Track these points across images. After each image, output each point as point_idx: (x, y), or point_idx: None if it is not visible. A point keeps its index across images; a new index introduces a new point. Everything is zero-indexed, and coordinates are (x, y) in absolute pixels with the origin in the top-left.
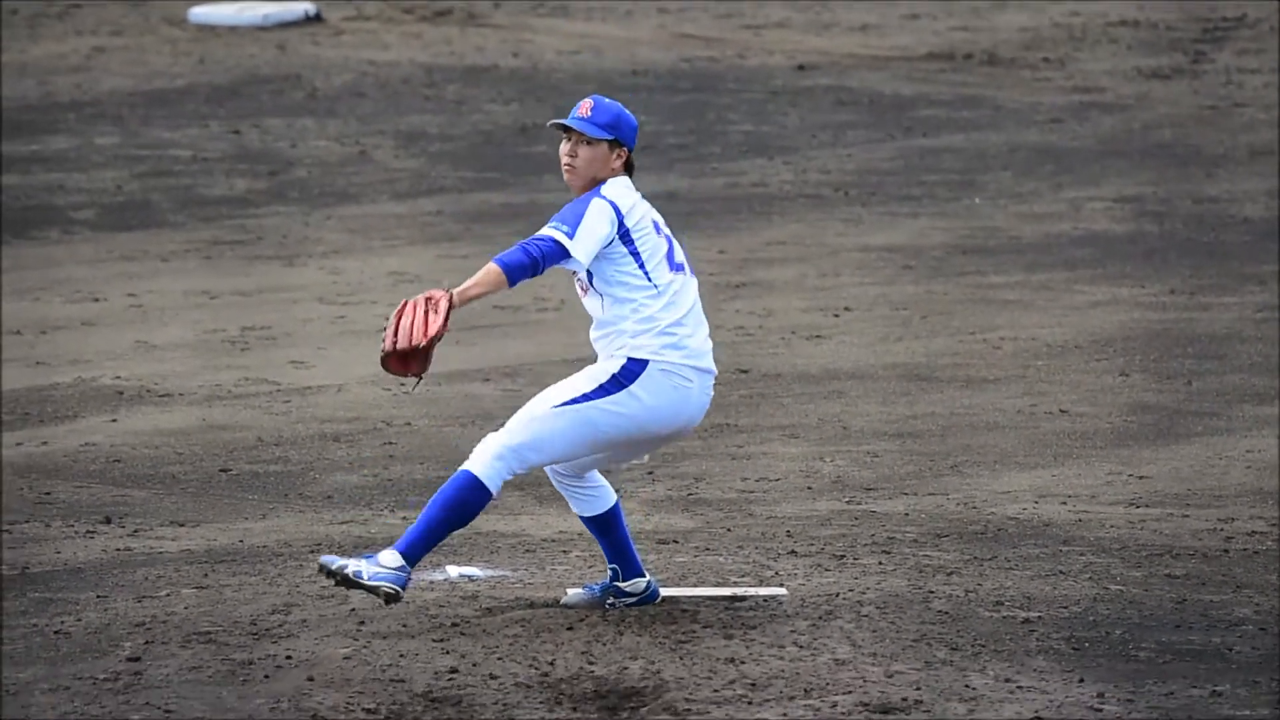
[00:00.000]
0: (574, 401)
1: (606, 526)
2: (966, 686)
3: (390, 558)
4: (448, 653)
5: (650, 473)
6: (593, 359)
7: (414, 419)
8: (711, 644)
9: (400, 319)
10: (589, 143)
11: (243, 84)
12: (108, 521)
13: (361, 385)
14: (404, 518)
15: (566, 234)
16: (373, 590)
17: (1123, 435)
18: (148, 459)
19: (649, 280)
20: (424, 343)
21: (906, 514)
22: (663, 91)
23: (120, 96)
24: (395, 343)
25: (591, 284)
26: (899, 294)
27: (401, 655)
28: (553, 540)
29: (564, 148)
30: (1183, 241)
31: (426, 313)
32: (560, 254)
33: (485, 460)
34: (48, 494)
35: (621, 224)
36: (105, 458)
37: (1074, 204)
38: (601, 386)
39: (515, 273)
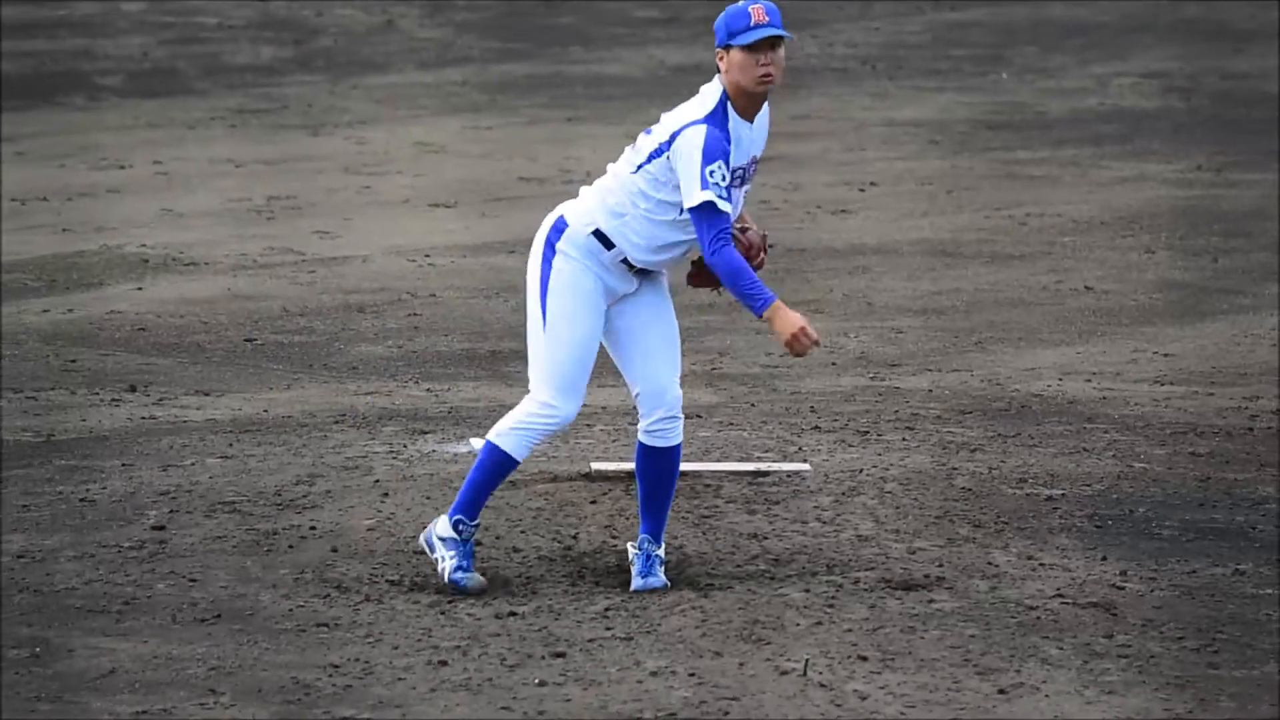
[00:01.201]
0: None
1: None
2: (989, 564)
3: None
4: None
5: None
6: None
7: (439, 290)
8: (734, 519)
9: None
10: (778, 46)
11: None
12: (133, 390)
13: (386, 256)
14: (428, 389)
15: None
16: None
17: (1148, 313)
18: (173, 328)
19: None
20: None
21: (930, 390)
22: None
23: None
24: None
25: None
26: (925, 169)
27: (424, 527)
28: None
29: (754, 59)
30: (1209, 118)
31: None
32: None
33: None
34: (73, 361)
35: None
36: (130, 325)
37: (1100, 79)
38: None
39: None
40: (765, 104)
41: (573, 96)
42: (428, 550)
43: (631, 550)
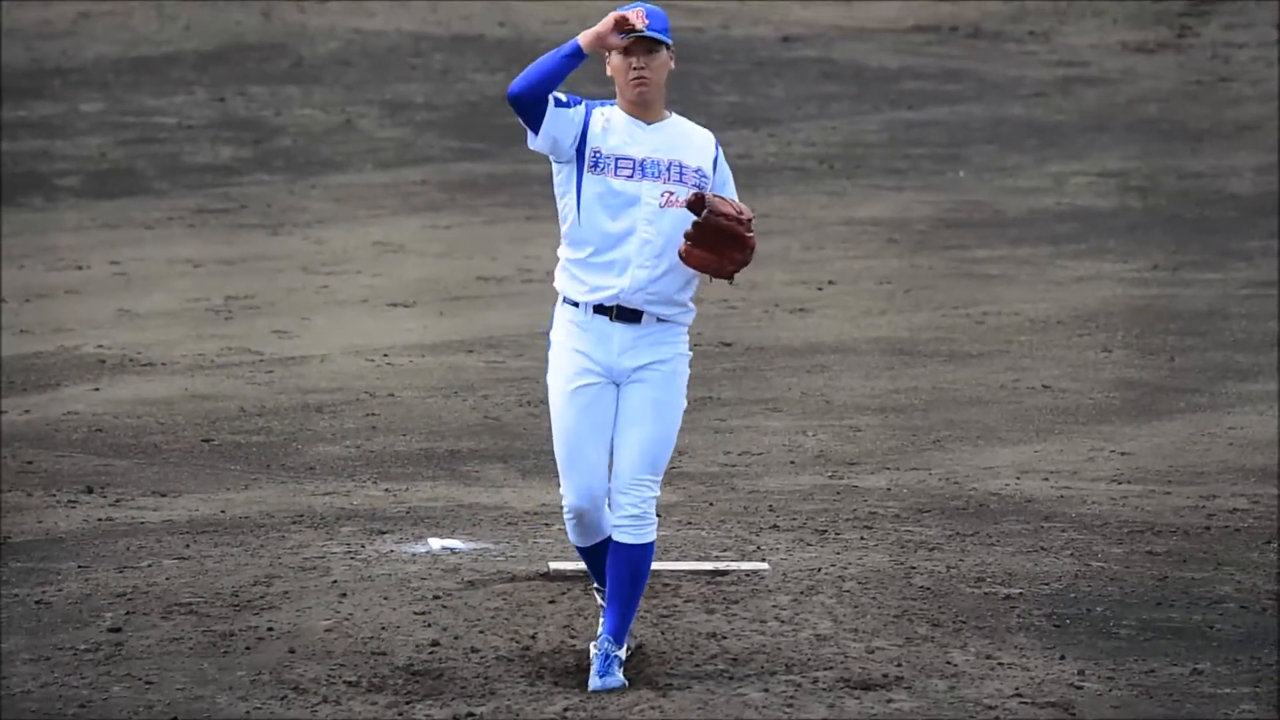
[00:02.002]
0: (681, 410)
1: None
2: (948, 663)
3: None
4: (429, 625)
5: None
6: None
7: (397, 390)
8: (693, 619)
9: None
10: (655, 50)
11: (228, 51)
12: (89, 491)
13: (345, 356)
14: (386, 489)
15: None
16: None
17: (1105, 411)
18: (130, 428)
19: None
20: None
21: (889, 489)
22: None
23: (106, 63)
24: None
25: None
26: (883, 268)
27: (383, 628)
28: (535, 513)
29: (628, 62)
30: (1167, 217)
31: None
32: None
33: (652, 522)
34: (29, 463)
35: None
36: (88, 427)
37: (1058, 178)
38: (685, 380)
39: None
40: (682, 124)
41: (531, 195)
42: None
43: (592, 649)
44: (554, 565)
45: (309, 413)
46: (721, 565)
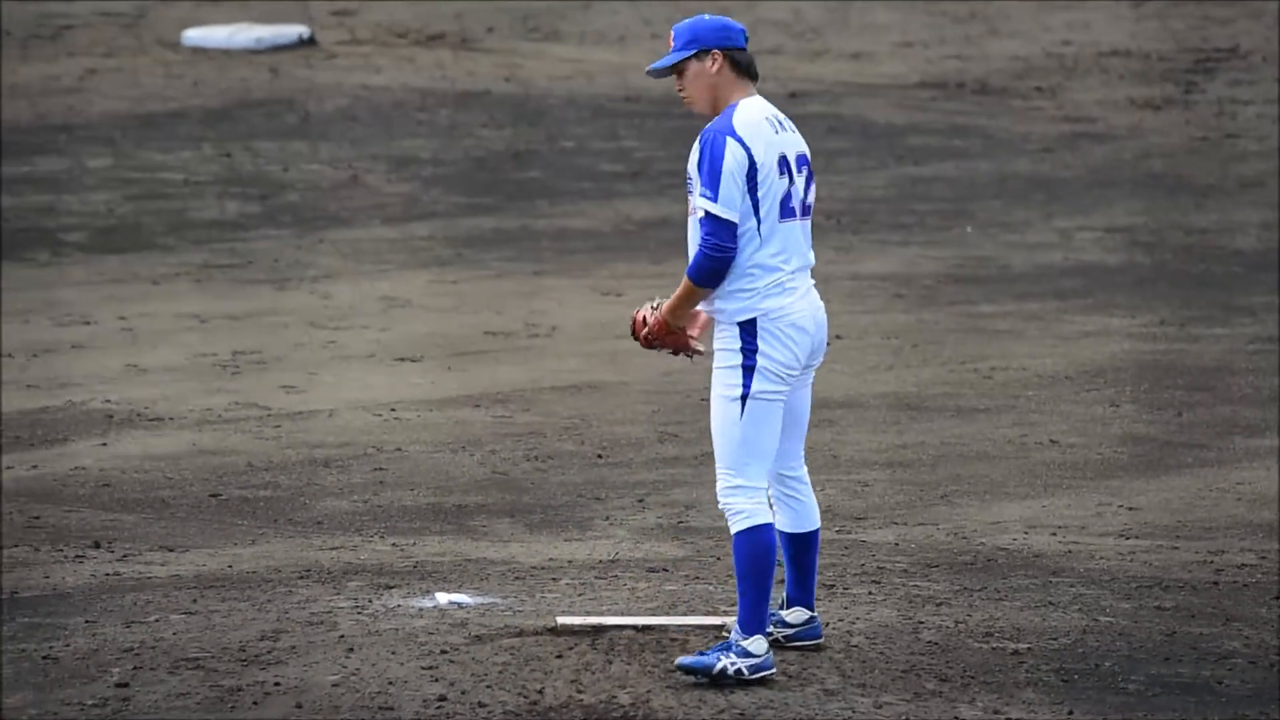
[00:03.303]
0: (744, 400)
1: (807, 545)
2: (956, 718)
3: (756, 644)
4: (436, 680)
5: (641, 500)
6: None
7: (404, 445)
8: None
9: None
10: (680, 70)
11: (235, 107)
12: (97, 546)
13: (352, 410)
14: (394, 544)
15: (711, 199)
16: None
17: (1113, 466)
18: (137, 483)
19: (758, 229)
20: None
21: (896, 544)
22: (655, 117)
23: (112, 119)
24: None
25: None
26: (890, 323)
27: (390, 683)
28: (542, 567)
29: (678, 83)
30: (1173, 272)
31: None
32: (726, 224)
33: (738, 512)
34: (37, 518)
35: (751, 166)
36: (95, 482)
37: (1065, 234)
38: (744, 371)
39: (706, 280)
40: (721, 127)
41: (539, 250)
42: (702, 668)
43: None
44: (561, 620)
45: (316, 467)
46: (729, 620)
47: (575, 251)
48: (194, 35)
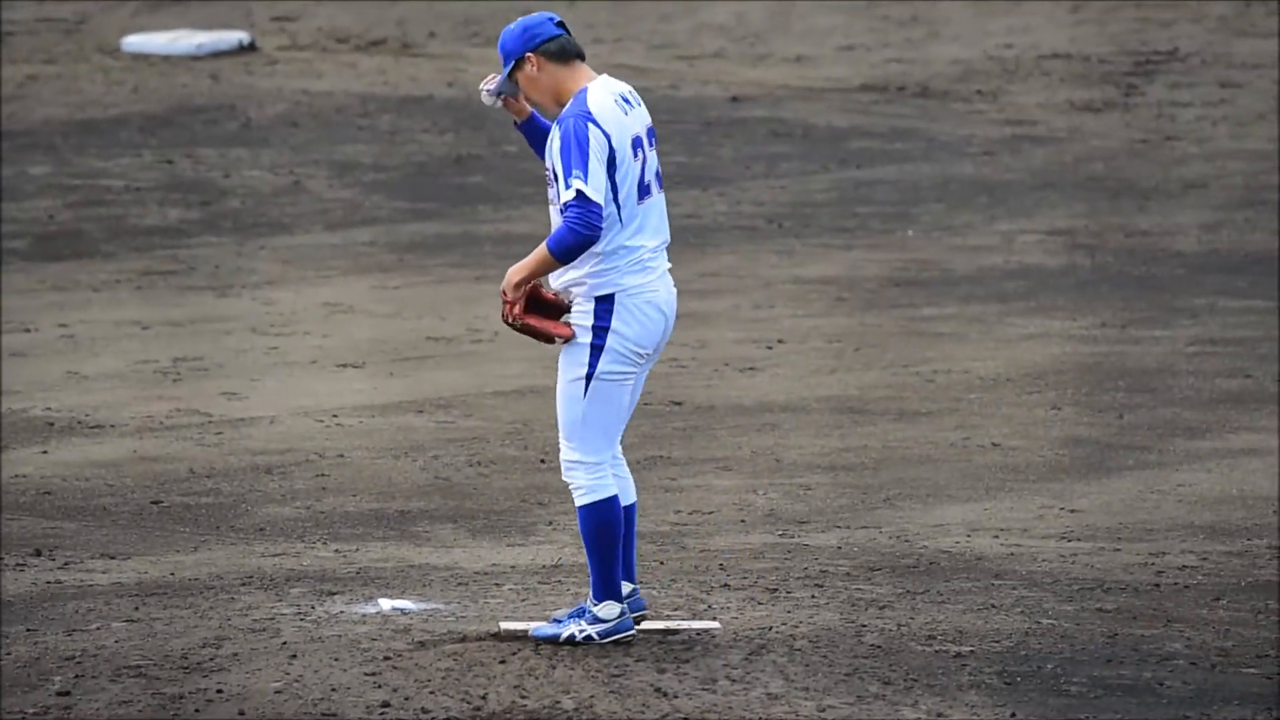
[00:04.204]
0: (588, 379)
1: (628, 519)
2: None
3: (606, 609)
4: (380, 686)
5: None
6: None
7: (347, 450)
8: (644, 678)
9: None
10: (511, 76)
11: (176, 113)
12: (38, 554)
13: (294, 417)
14: (336, 550)
15: (582, 179)
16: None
17: (1055, 469)
18: (78, 491)
19: (618, 215)
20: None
21: (839, 547)
22: None
23: (53, 125)
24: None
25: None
26: (832, 326)
27: (333, 689)
28: (485, 573)
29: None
30: (1114, 274)
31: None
32: (595, 204)
33: (578, 487)
34: None
35: (611, 151)
36: (35, 489)
37: (1006, 236)
38: (591, 350)
39: (564, 255)
40: (577, 112)
41: (481, 256)
42: (551, 635)
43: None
44: (504, 625)
45: (258, 474)
46: (673, 624)
47: (518, 256)
48: (134, 41)
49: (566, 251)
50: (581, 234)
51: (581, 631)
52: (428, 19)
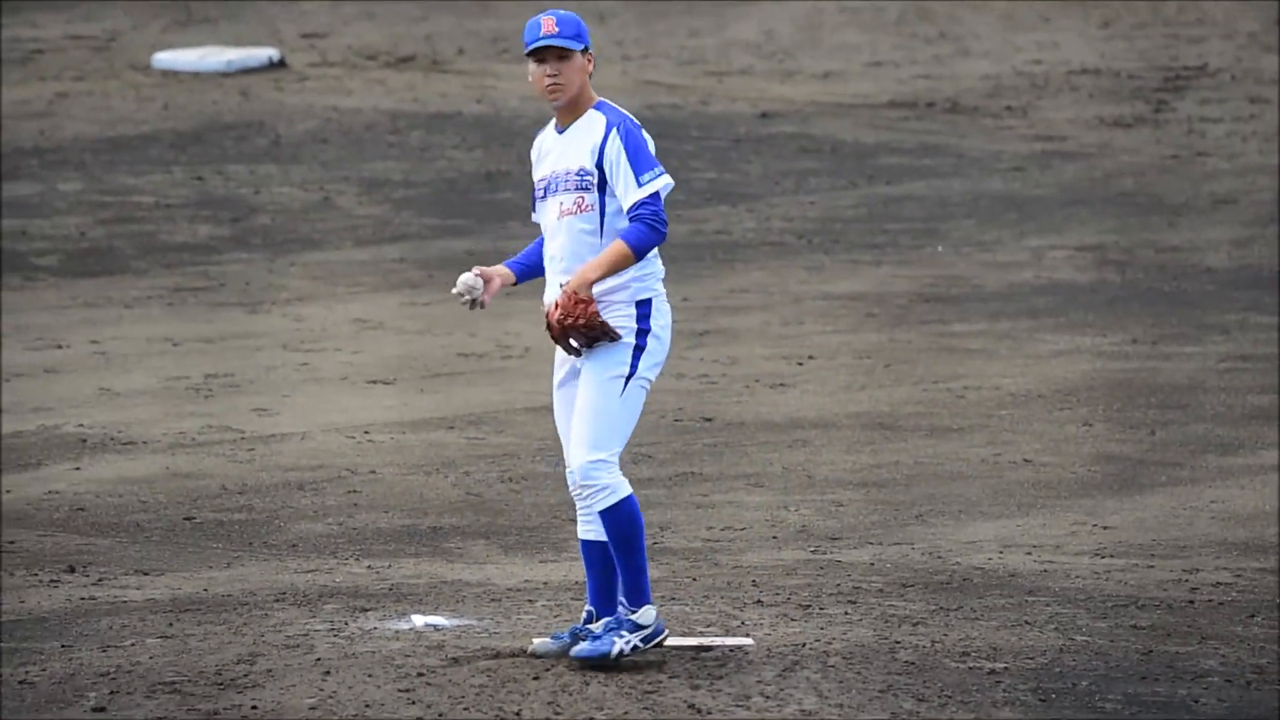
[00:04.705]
0: (628, 379)
1: (609, 554)
2: None
3: (644, 614)
4: (413, 703)
5: None
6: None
7: (378, 467)
8: (678, 694)
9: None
10: (567, 56)
11: (206, 130)
12: (71, 570)
13: (325, 433)
14: (369, 566)
15: (656, 178)
16: (656, 646)
17: (1087, 485)
18: (111, 507)
19: None
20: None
21: (872, 563)
22: None
23: (84, 142)
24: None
25: (604, 211)
26: (862, 342)
27: (367, 705)
28: (518, 589)
29: (542, 70)
30: (1145, 290)
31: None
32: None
33: (604, 488)
34: (11, 543)
35: None
36: (69, 506)
37: (1036, 252)
38: (634, 351)
39: (641, 252)
40: (589, 119)
41: None
42: (595, 655)
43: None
44: (537, 641)
45: (290, 490)
46: (705, 640)
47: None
48: (164, 58)
49: (645, 250)
50: (661, 232)
51: (628, 644)
52: (457, 36)
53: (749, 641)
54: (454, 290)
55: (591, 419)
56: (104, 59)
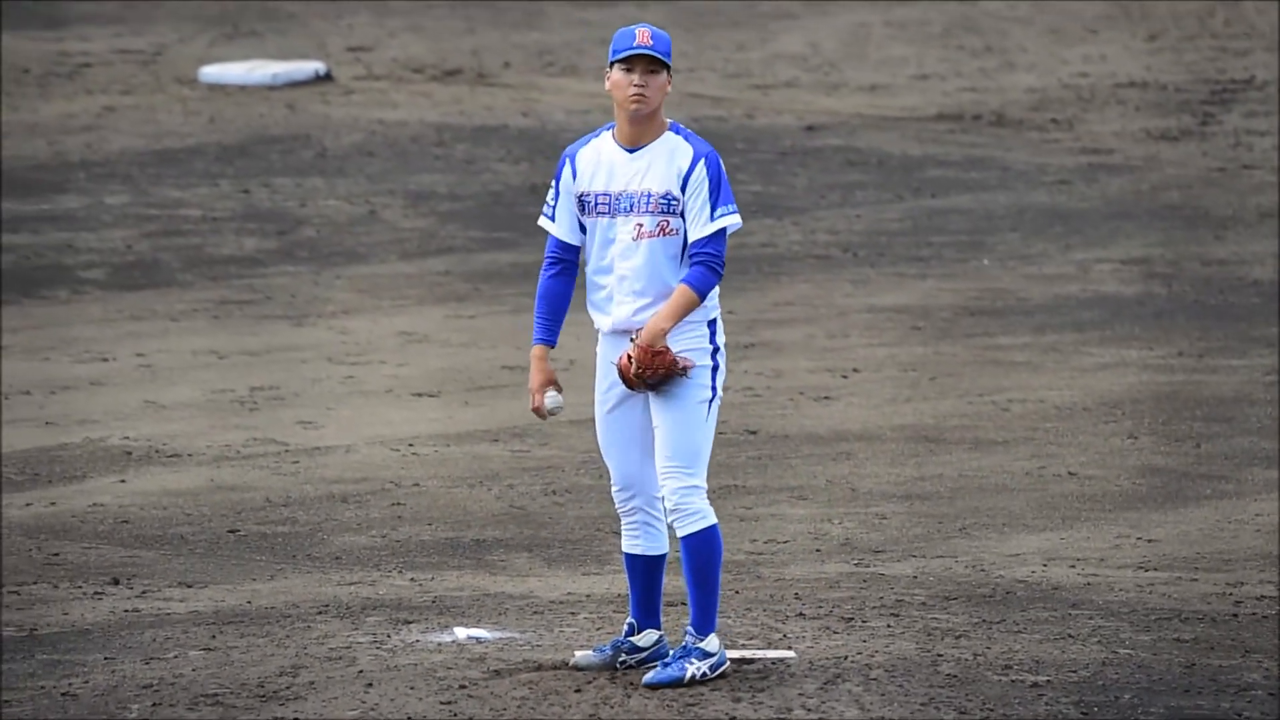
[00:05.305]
0: (711, 401)
1: (656, 568)
2: None
3: (711, 642)
4: (455, 715)
5: None
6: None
7: (422, 480)
8: (720, 707)
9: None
10: (655, 70)
11: (252, 143)
12: (115, 583)
13: (370, 446)
14: (412, 579)
15: (730, 215)
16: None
17: (1131, 498)
18: (156, 520)
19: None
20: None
21: (915, 576)
22: None
23: (130, 155)
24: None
25: (686, 236)
26: (907, 355)
27: (409, 717)
28: (560, 602)
29: (629, 79)
30: (1191, 304)
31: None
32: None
33: (695, 512)
34: (56, 555)
35: None
36: (113, 518)
37: (1082, 265)
38: (712, 372)
39: (707, 294)
40: (669, 142)
41: None
42: (668, 680)
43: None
44: (579, 654)
45: (334, 503)
46: (748, 653)
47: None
48: (211, 72)
49: (707, 292)
50: (720, 274)
51: (699, 670)
52: (502, 49)
53: (791, 654)
54: (549, 409)
55: (682, 445)
56: (150, 73)
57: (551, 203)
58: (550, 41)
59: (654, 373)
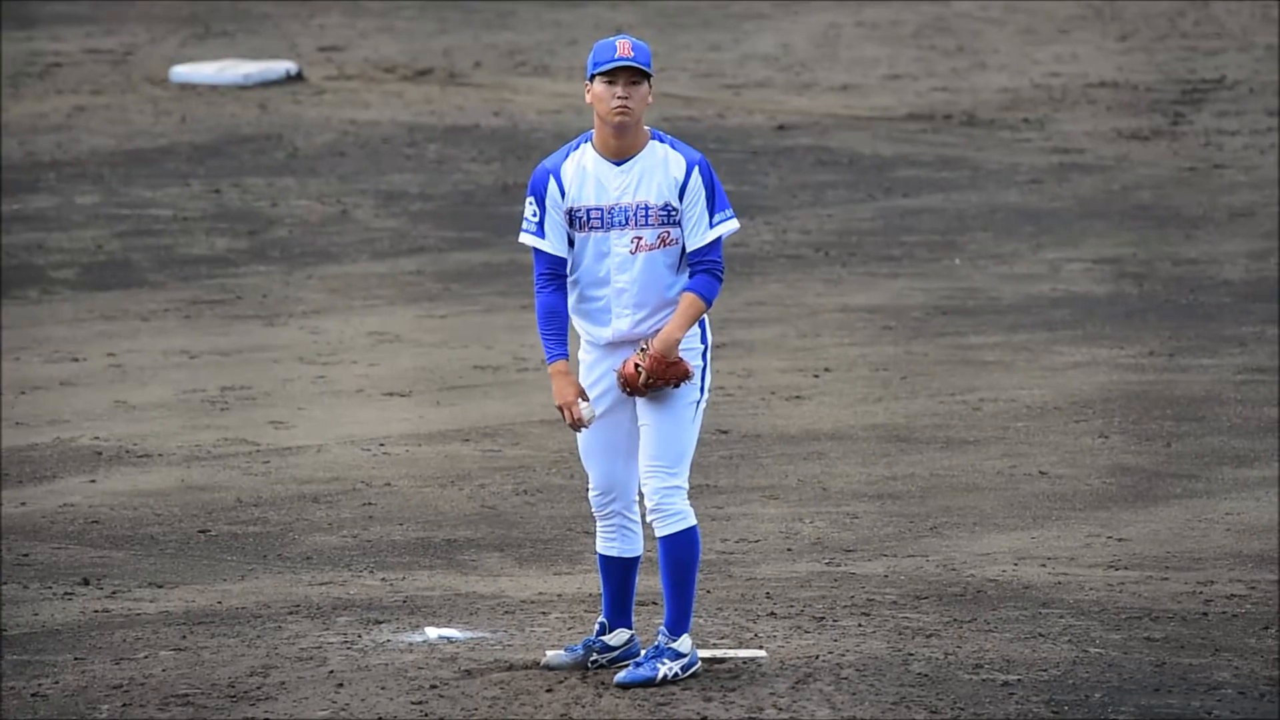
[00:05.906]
0: (696, 404)
1: (630, 570)
2: None
3: (683, 643)
4: (426, 715)
5: None
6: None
7: (393, 479)
8: (691, 706)
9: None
10: (638, 81)
11: (224, 143)
12: (86, 583)
13: (341, 446)
14: (383, 579)
15: (728, 221)
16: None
17: (1102, 497)
18: (126, 520)
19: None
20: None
21: (886, 576)
22: None
23: (101, 155)
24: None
25: (684, 246)
26: (879, 355)
27: (380, 717)
28: (532, 601)
29: (612, 91)
30: (1162, 303)
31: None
32: None
33: (678, 513)
34: (25, 555)
35: None
36: (84, 519)
37: (1053, 265)
38: (701, 370)
39: (712, 301)
40: (656, 151)
41: (527, 284)
42: (640, 680)
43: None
44: (551, 654)
45: (305, 503)
46: (719, 652)
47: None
48: (182, 72)
49: (713, 299)
50: (722, 279)
51: (671, 670)
52: (474, 49)
53: (762, 654)
54: (588, 419)
55: (669, 445)
56: (121, 72)
57: (535, 220)
58: (522, 42)
59: (665, 382)
